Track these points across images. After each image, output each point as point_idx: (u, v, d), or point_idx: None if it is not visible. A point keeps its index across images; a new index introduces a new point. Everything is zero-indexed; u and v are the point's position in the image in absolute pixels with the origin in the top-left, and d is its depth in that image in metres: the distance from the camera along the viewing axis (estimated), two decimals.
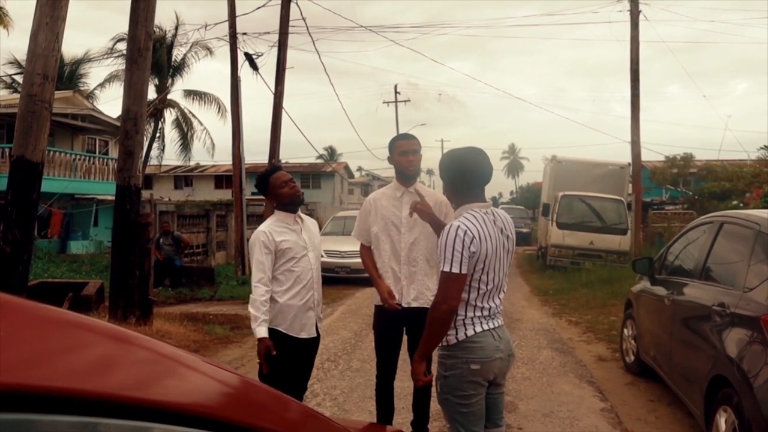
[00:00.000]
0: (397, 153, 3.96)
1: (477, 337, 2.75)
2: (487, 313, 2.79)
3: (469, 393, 2.76)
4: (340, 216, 17.76)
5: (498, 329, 2.84)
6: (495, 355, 2.78)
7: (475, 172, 2.84)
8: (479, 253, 2.68)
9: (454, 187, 2.88)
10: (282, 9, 16.30)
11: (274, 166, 4.08)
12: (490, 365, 2.77)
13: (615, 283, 12.49)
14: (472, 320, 2.77)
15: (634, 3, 17.30)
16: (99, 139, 26.17)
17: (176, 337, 7.78)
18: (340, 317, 9.96)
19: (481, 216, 2.76)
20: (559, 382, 6.14)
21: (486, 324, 2.79)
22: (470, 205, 2.81)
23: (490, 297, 2.81)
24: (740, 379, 3.49)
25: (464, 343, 2.75)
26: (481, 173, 2.85)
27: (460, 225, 2.68)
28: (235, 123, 15.98)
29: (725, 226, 4.68)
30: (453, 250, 2.64)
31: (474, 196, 2.83)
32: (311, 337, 3.84)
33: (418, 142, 4.02)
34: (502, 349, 2.82)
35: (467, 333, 2.76)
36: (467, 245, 2.64)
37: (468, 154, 2.88)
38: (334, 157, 59.82)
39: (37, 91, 6.38)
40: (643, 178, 19.56)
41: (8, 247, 6.38)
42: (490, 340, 2.78)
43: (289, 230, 3.80)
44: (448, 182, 2.90)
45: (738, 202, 18.43)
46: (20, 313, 0.83)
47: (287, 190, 3.81)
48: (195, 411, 0.90)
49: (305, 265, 3.80)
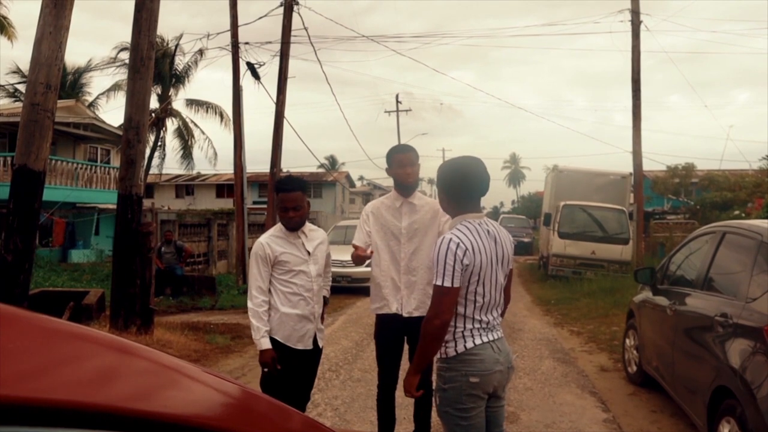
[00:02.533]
0: (395, 166, 3.96)
1: (476, 349, 2.73)
2: (485, 326, 2.77)
3: (469, 406, 2.72)
4: (341, 225, 17.75)
5: (498, 341, 2.81)
6: (494, 367, 2.75)
7: (473, 182, 2.82)
8: (473, 265, 2.66)
9: (451, 197, 2.85)
10: (284, 19, 16.37)
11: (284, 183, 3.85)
12: (489, 378, 2.74)
13: (617, 292, 12.47)
14: (471, 332, 2.74)
15: (635, 13, 17.35)
16: (101, 148, 26.24)
17: (177, 346, 7.76)
18: (342, 327, 9.93)
19: (475, 228, 2.74)
20: (561, 393, 6.11)
21: (485, 336, 2.76)
22: (464, 216, 2.78)
23: (487, 310, 2.78)
24: (743, 390, 3.48)
25: (463, 356, 2.73)
26: (479, 183, 2.83)
27: (452, 238, 2.66)
28: (237, 132, 16.01)
29: (727, 236, 4.67)
30: (445, 264, 2.62)
31: (470, 207, 2.81)
32: (308, 348, 3.82)
33: (415, 153, 4.00)
34: (501, 361, 2.79)
35: (466, 345, 2.73)
36: (460, 258, 2.62)
37: (467, 163, 2.85)
38: (335, 166, 59.87)
39: (39, 100, 6.39)
40: (645, 188, 19.53)
41: (10, 256, 6.38)
42: (489, 352, 2.75)
43: (289, 242, 3.79)
44: (445, 191, 2.87)
45: (740, 212, 18.42)
46: (21, 325, 0.82)
47: (283, 216, 3.79)
48: (197, 422, 0.90)
49: (304, 277, 3.78)
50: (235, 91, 16.03)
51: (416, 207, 3.99)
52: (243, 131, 16.03)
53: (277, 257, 3.73)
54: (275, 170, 16.13)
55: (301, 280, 3.77)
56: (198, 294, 13.75)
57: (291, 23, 16.36)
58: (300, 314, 3.76)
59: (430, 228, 3.93)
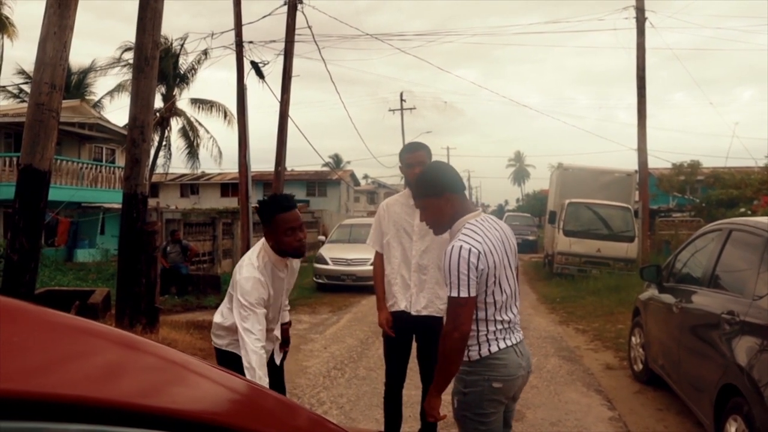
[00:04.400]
0: (405, 165, 3.94)
1: (501, 354, 2.65)
2: (507, 326, 2.70)
3: (489, 411, 2.66)
4: (346, 224, 17.77)
5: (520, 345, 2.75)
6: (518, 372, 2.69)
7: (457, 175, 2.81)
8: (488, 267, 2.57)
9: (455, 189, 2.73)
10: (288, 18, 16.39)
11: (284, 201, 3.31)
12: (512, 383, 2.68)
13: (622, 290, 12.43)
14: (495, 335, 2.66)
15: (640, 10, 17.30)
16: (106, 148, 26.31)
17: (182, 345, 7.77)
18: (347, 325, 9.94)
19: (479, 227, 2.65)
20: (566, 391, 6.10)
21: (508, 339, 2.69)
22: (465, 218, 2.70)
23: (507, 308, 2.71)
24: (750, 388, 3.46)
25: (487, 360, 2.65)
26: (460, 177, 2.84)
27: (462, 245, 2.54)
28: (241, 131, 16.02)
29: (734, 233, 4.65)
30: (459, 274, 2.51)
31: (467, 203, 2.78)
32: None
33: (425, 153, 3.96)
34: (524, 366, 2.73)
35: (491, 349, 2.65)
36: (474, 265, 2.52)
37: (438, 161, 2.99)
38: (340, 164, 59.90)
39: (44, 100, 6.40)
40: (650, 186, 19.48)
41: (16, 256, 6.40)
42: (513, 357, 2.68)
43: (275, 275, 3.34)
44: (447, 188, 2.72)
45: (746, 209, 18.36)
46: (29, 319, 0.82)
47: (292, 240, 3.25)
48: (204, 418, 0.89)
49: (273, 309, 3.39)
50: (239, 90, 16.04)
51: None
52: (247, 130, 16.04)
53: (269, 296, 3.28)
54: (280, 169, 16.16)
55: (272, 312, 3.38)
56: (203, 293, 13.77)
57: (295, 22, 16.38)
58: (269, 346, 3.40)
59: None
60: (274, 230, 3.25)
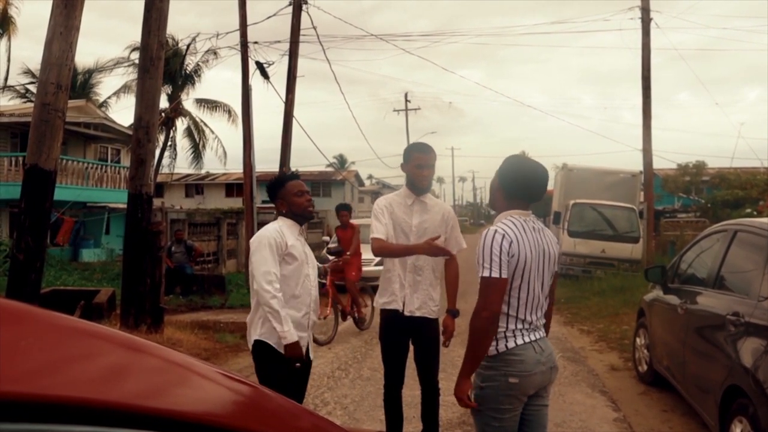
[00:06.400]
0: (413, 164, 3.91)
1: (518, 349, 2.66)
2: (528, 326, 2.71)
3: (505, 407, 2.66)
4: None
5: (540, 341, 2.75)
6: (535, 369, 2.68)
7: (533, 186, 2.79)
8: (518, 257, 2.62)
9: (507, 192, 2.80)
10: (293, 18, 16.40)
11: (294, 173, 3.85)
12: (529, 380, 2.68)
13: (627, 291, 12.40)
14: (514, 333, 2.68)
15: (645, 11, 17.24)
16: (111, 148, 26.38)
17: (187, 345, 7.79)
18: (350, 325, 9.93)
19: (521, 223, 2.71)
20: (571, 392, 6.09)
21: (528, 336, 2.70)
22: (510, 213, 2.76)
23: (532, 310, 2.72)
24: (756, 389, 3.45)
25: (504, 355, 2.66)
26: (538, 189, 2.81)
27: (497, 229, 2.65)
28: (246, 131, 16.04)
29: (739, 234, 4.64)
30: (491, 254, 2.58)
31: (520, 206, 2.79)
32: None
33: (435, 155, 3.98)
34: (543, 362, 2.72)
35: (508, 345, 2.67)
36: (505, 249, 2.60)
37: (534, 168, 2.83)
38: (344, 165, 59.91)
39: (50, 100, 6.43)
40: (655, 186, 19.43)
41: (21, 255, 6.43)
42: (531, 353, 2.68)
43: (295, 237, 3.58)
44: (503, 185, 2.81)
45: (751, 210, 18.31)
46: (33, 322, 0.83)
47: (303, 201, 3.60)
48: (207, 420, 0.90)
49: (307, 279, 3.57)
50: (244, 91, 16.06)
51: (427, 206, 3.98)
52: (252, 130, 16.05)
53: (288, 248, 3.46)
54: (284, 169, 16.14)
55: (304, 281, 3.54)
56: (207, 293, 13.79)
57: (300, 22, 16.38)
58: (299, 319, 3.51)
59: (438, 229, 3.90)
60: (286, 194, 3.59)
